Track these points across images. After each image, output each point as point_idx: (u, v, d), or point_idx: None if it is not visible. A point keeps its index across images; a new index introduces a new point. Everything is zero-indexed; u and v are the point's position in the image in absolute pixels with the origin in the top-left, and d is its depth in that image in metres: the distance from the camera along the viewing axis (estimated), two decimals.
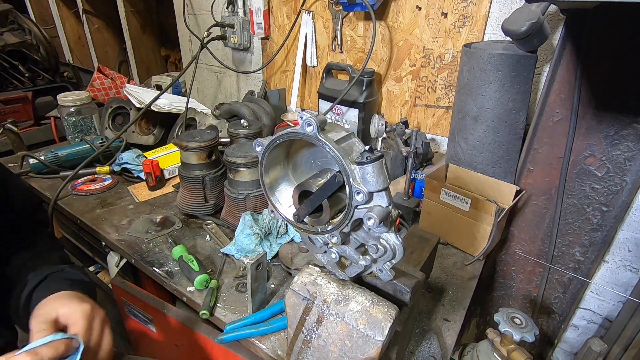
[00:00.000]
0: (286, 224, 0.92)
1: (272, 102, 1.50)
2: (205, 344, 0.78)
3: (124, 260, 0.98)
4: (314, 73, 1.52)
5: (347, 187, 0.41)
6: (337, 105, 1.26)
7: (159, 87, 1.80)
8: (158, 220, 1.01)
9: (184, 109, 1.39)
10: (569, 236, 1.02)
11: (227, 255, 0.87)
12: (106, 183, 1.18)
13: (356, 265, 0.48)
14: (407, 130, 1.13)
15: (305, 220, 0.47)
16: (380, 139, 1.15)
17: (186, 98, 1.40)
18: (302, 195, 0.45)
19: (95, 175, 1.22)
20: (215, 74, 1.89)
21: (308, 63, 1.48)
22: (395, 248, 0.44)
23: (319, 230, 0.46)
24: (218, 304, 0.75)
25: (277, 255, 0.86)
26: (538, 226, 1.07)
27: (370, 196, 0.40)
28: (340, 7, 1.29)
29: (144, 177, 1.16)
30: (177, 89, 1.88)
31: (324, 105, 1.34)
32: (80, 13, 2.39)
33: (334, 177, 0.41)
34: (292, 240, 0.89)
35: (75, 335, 0.50)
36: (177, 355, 0.91)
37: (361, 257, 0.47)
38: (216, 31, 1.55)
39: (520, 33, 0.83)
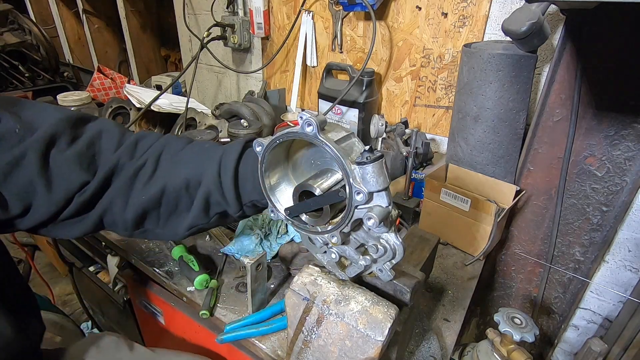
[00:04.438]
0: (286, 224, 0.92)
1: (272, 102, 1.50)
2: (210, 338, 0.79)
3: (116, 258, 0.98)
4: (314, 73, 1.52)
5: (347, 187, 0.41)
6: (337, 105, 1.26)
7: (159, 87, 1.80)
8: None
9: (184, 109, 1.39)
10: (569, 236, 1.02)
11: (227, 255, 0.87)
12: None
13: (356, 265, 0.48)
14: (407, 130, 1.13)
15: (303, 218, 0.47)
16: (380, 139, 1.15)
17: (186, 98, 1.40)
18: (303, 195, 0.45)
19: None
20: (215, 74, 1.89)
21: (308, 63, 1.48)
22: (395, 248, 0.44)
23: (319, 230, 0.46)
24: (218, 304, 0.75)
25: (277, 255, 0.86)
26: (538, 226, 1.07)
27: (370, 196, 0.40)
28: (340, 7, 1.29)
29: None
30: (177, 89, 1.88)
31: (324, 105, 1.34)
32: (80, 13, 2.39)
33: (337, 192, 0.42)
34: (292, 240, 0.89)
35: None
36: (184, 348, 0.92)
37: (361, 257, 0.47)
38: (216, 31, 1.55)
39: (520, 33, 0.83)
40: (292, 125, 1.32)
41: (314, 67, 1.50)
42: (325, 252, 0.50)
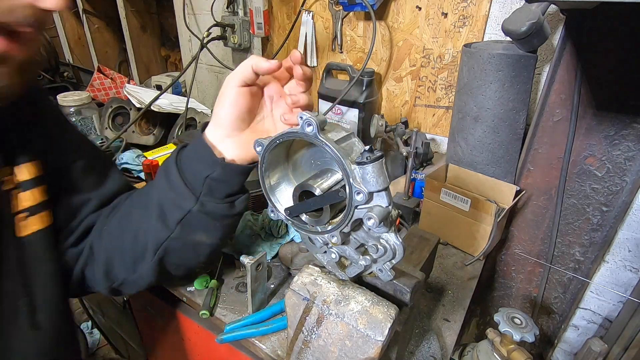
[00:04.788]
0: (286, 224, 0.92)
1: None
2: (210, 338, 0.79)
3: None
4: (314, 73, 1.52)
5: (347, 187, 0.41)
6: (337, 105, 1.26)
7: (159, 87, 1.80)
8: None
9: (184, 109, 1.39)
10: (569, 236, 1.02)
11: (227, 255, 0.87)
12: None
13: (356, 265, 0.48)
14: (407, 130, 1.13)
15: (303, 218, 0.47)
16: (380, 139, 1.15)
17: (186, 98, 1.40)
18: (303, 195, 0.45)
19: None
20: (216, 74, 1.89)
21: (308, 63, 1.48)
22: (395, 248, 0.44)
23: (319, 230, 0.46)
24: (218, 304, 0.75)
25: (277, 255, 0.86)
26: (538, 226, 1.07)
27: (370, 196, 0.40)
28: (340, 7, 1.29)
29: (144, 177, 1.16)
30: (177, 89, 1.88)
31: (324, 105, 1.34)
32: (80, 13, 2.39)
33: (337, 192, 0.42)
34: (292, 240, 0.89)
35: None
36: (184, 348, 0.91)
37: (361, 257, 0.47)
38: (216, 31, 1.55)
39: (520, 33, 0.83)
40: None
41: (314, 67, 1.50)
42: (325, 252, 0.50)
